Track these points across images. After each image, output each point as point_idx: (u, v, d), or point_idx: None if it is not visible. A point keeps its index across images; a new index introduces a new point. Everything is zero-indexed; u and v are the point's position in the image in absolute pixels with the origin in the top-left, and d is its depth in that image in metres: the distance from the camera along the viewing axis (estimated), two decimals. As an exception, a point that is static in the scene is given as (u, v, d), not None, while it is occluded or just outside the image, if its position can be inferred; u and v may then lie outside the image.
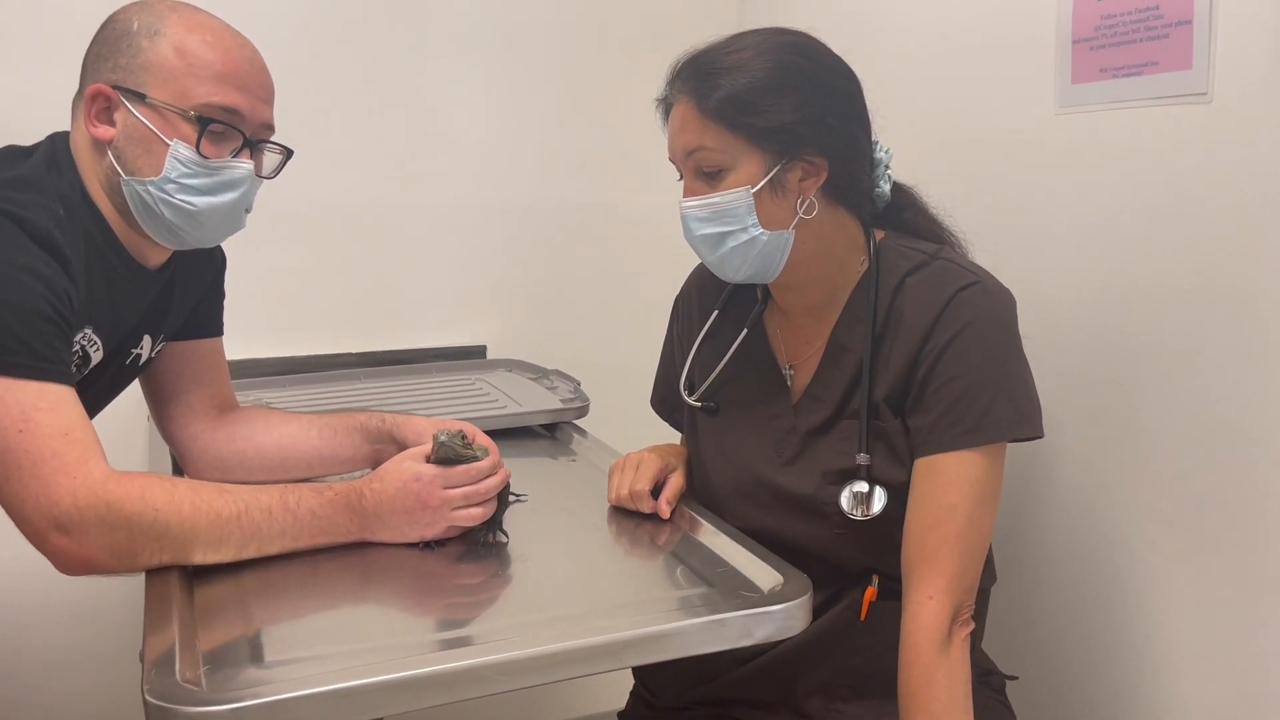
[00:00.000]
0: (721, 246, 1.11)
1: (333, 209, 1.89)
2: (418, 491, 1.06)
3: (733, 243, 1.10)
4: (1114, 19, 1.26)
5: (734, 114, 1.07)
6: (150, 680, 0.80)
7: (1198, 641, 1.24)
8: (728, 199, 1.09)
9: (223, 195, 1.10)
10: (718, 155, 1.09)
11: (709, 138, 1.09)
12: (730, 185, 1.09)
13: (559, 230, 2.05)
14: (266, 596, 0.98)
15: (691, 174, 1.12)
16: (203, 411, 1.28)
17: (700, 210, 1.10)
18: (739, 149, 1.08)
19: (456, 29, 1.93)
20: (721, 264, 1.14)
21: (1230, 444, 1.17)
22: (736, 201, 1.09)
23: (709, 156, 1.09)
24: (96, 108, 1.08)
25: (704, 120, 1.08)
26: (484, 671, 0.84)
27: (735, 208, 1.09)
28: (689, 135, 1.10)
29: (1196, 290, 1.20)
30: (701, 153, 1.09)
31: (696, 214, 1.11)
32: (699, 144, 1.09)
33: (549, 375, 1.81)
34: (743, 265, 1.12)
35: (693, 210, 1.11)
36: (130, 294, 1.13)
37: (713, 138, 1.08)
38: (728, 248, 1.11)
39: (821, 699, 1.19)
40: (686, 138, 1.10)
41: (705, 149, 1.09)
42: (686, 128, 1.10)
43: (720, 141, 1.08)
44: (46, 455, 0.93)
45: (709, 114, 1.08)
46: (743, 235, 1.10)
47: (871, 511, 1.11)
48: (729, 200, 1.09)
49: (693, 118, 1.09)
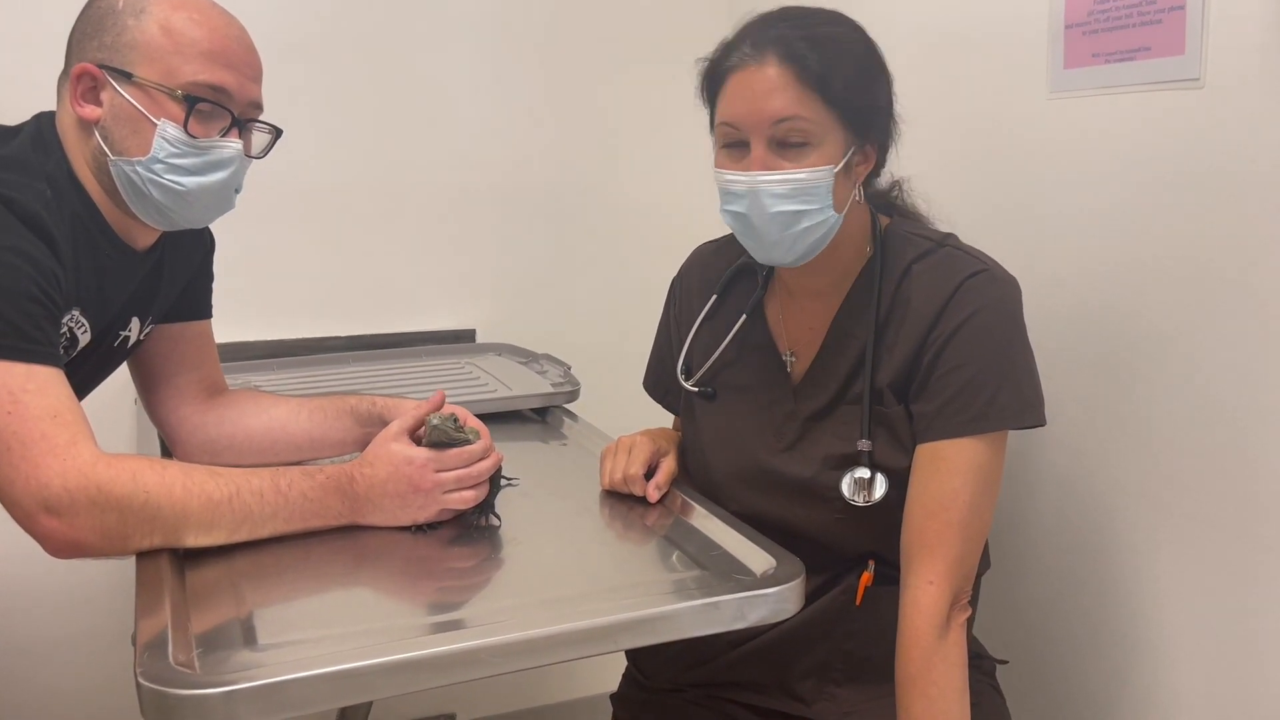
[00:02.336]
0: (794, 226, 1.06)
1: (322, 191, 1.88)
2: (410, 475, 1.06)
3: (807, 223, 1.06)
4: (1107, 4, 1.26)
5: (837, 89, 1.04)
6: (143, 663, 0.79)
7: (1188, 625, 1.25)
8: (814, 176, 1.04)
9: (211, 175, 1.09)
10: (810, 127, 1.03)
11: (806, 108, 1.03)
12: (813, 163, 1.04)
13: (549, 214, 2.05)
14: (259, 579, 0.98)
15: (765, 144, 1.05)
16: (192, 394, 1.28)
17: (781, 186, 1.04)
18: (829, 125, 1.05)
19: (447, 10, 1.92)
20: (781, 244, 1.08)
21: (1223, 429, 1.18)
22: (820, 180, 1.05)
23: (801, 127, 1.03)
24: (82, 87, 1.07)
25: (803, 89, 1.03)
26: (477, 654, 0.84)
27: (817, 187, 1.05)
28: (783, 102, 1.03)
29: (1189, 275, 1.21)
30: (794, 122, 1.03)
31: (775, 189, 1.04)
32: (795, 112, 1.03)
33: (539, 359, 1.81)
34: (803, 246, 1.08)
35: (771, 185, 1.04)
36: (118, 276, 1.12)
37: (809, 108, 1.03)
38: (800, 227, 1.06)
39: (815, 682, 1.20)
40: (780, 104, 1.03)
41: (800, 119, 1.03)
42: (780, 94, 1.03)
43: (815, 114, 1.04)
44: (35, 437, 0.93)
45: (810, 83, 1.03)
46: (818, 216, 1.06)
47: (873, 497, 1.11)
48: (814, 178, 1.04)
49: (790, 84, 1.03)
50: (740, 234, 1.12)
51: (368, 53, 1.88)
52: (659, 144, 2.08)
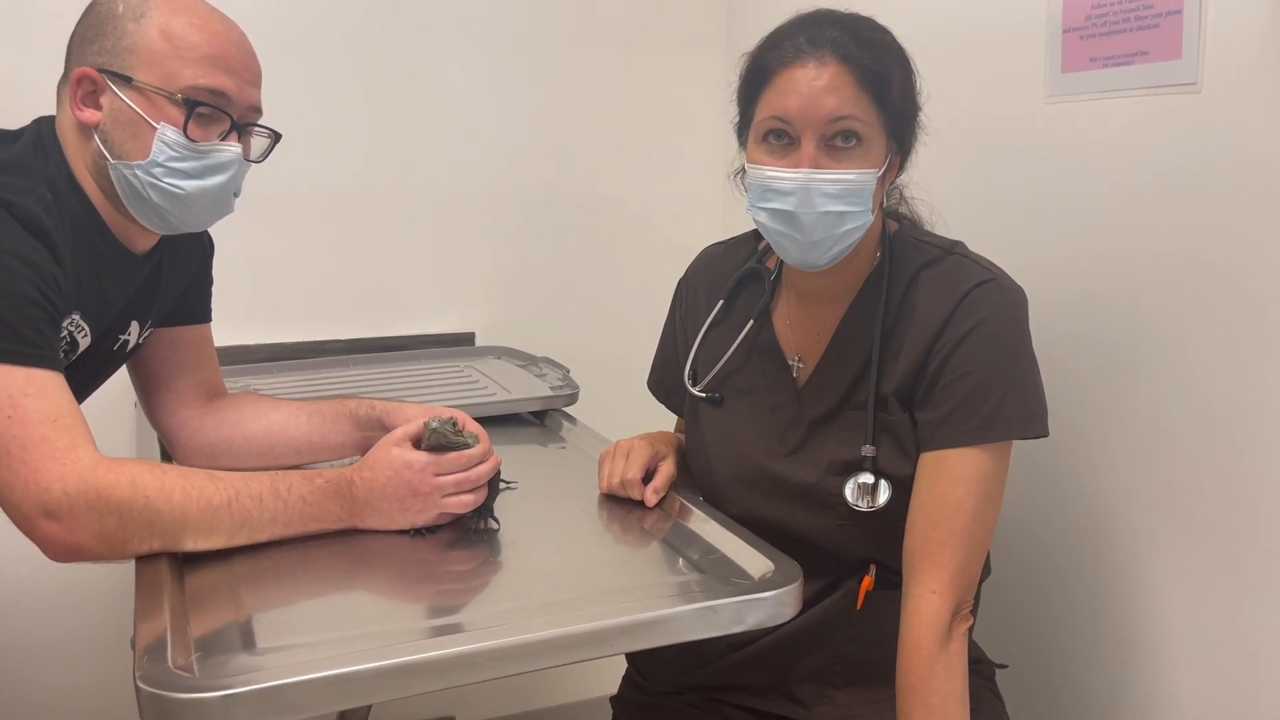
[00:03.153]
0: (839, 226, 1.06)
1: (322, 195, 1.88)
2: (409, 479, 1.06)
3: (850, 224, 1.06)
4: (1104, 8, 1.26)
5: (889, 93, 1.05)
6: (142, 667, 0.80)
7: (1187, 629, 1.25)
8: (863, 178, 1.04)
9: (211, 179, 1.09)
10: (863, 129, 1.03)
11: (861, 108, 1.03)
12: (860, 164, 1.04)
13: (548, 217, 2.05)
14: (258, 583, 0.98)
15: (816, 141, 1.04)
16: (191, 398, 1.28)
17: (833, 185, 1.04)
18: (878, 129, 1.05)
19: (447, 14, 1.92)
20: (822, 244, 1.07)
21: (1222, 434, 1.18)
22: (867, 183, 1.05)
23: (856, 128, 1.03)
24: (82, 91, 1.07)
25: (860, 89, 1.03)
26: (475, 658, 0.84)
27: (865, 189, 1.05)
28: (841, 100, 1.03)
29: (1188, 279, 1.21)
30: (850, 122, 1.03)
31: (828, 189, 1.04)
32: (852, 111, 1.03)
33: (538, 362, 1.81)
34: (839, 249, 1.08)
35: (824, 184, 1.04)
36: (118, 280, 1.13)
37: (864, 109, 1.03)
38: (844, 229, 1.06)
39: (814, 685, 1.20)
40: (837, 102, 1.03)
41: (855, 119, 1.03)
42: (838, 93, 1.03)
43: (868, 115, 1.04)
44: (35, 441, 0.93)
45: (868, 84, 1.03)
46: (859, 219, 1.06)
47: (877, 503, 1.11)
48: (863, 180, 1.04)
49: (848, 84, 1.03)
50: (778, 233, 1.08)
51: (367, 57, 1.88)
52: (658, 147, 2.09)
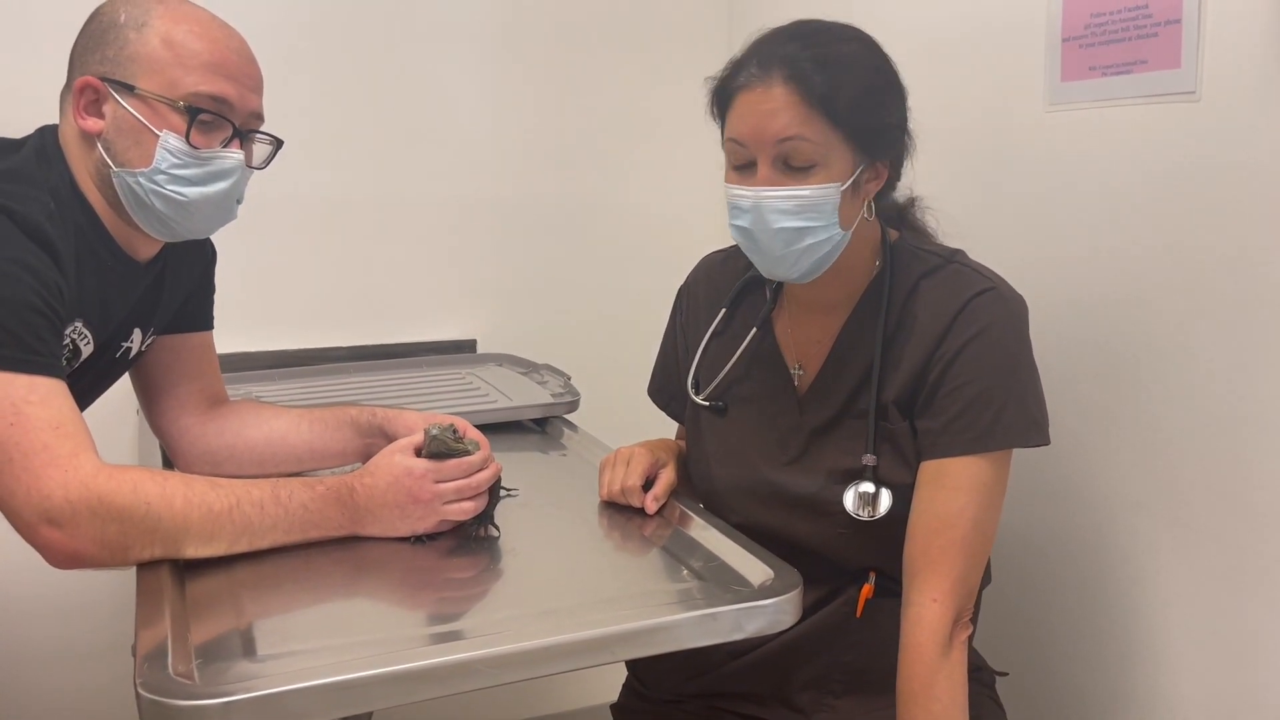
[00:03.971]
0: (799, 242, 1.07)
1: (323, 202, 1.88)
2: (409, 486, 1.07)
3: (811, 239, 1.07)
4: (1103, 17, 1.27)
5: (843, 109, 1.04)
6: (143, 674, 0.80)
7: (1188, 637, 1.25)
8: (820, 194, 1.05)
9: (213, 185, 1.09)
10: (814, 148, 1.04)
11: (810, 128, 1.04)
12: (820, 180, 1.05)
13: (549, 225, 2.05)
14: (258, 590, 0.98)
15: (770, 162, 1.06)
16: (193, 405, 1.28)
17: (785, 202, 1.05)
18: (835, 145, 1.05)
19: (448, 22, 1.93)
20: (785, 260, 1.09)
21: (1224, 440, 1.18)
22: (827, 198, 1.05)
23: (804, 148, 1.04)
24: (85, 100, 1.07)
25: (808, 109, 1.04)
26: (476, 665, 0.84)
27: (824, 204, 1.06)
28: (786, 122, 1.04)
29: (1188, 286, 1.21)
30: (796, 142, 1.04)
31: (780, 205, 1.06)
32: (798, 133, 1.04)
33: (539, 369, 1.81)
34: (808, 263, 1.09)
35: (776, 201, 1.06)
36: (120, 287, 1.13)
37: (814, 129, 1.04)
38: (805, 244, 1.07)
39: (814, 693, 1.20)
40: (782, 124, 1.04)
41: (803, 139, 1.04)
42: (784, 114, 1.04)
43: (820, 134, 1.04)
44: (37, 448, 0.93)
45: (815, 104, 1.04)
46: (823, 233, 1.07)
47: (878, 513, 1.11)
48: (821, 195, 1.05)
49: (794, 105, 1.04)
50: (746, 249, 1.13)
51: (369, 64, 1.89)
52: (660, 155, 2.09)
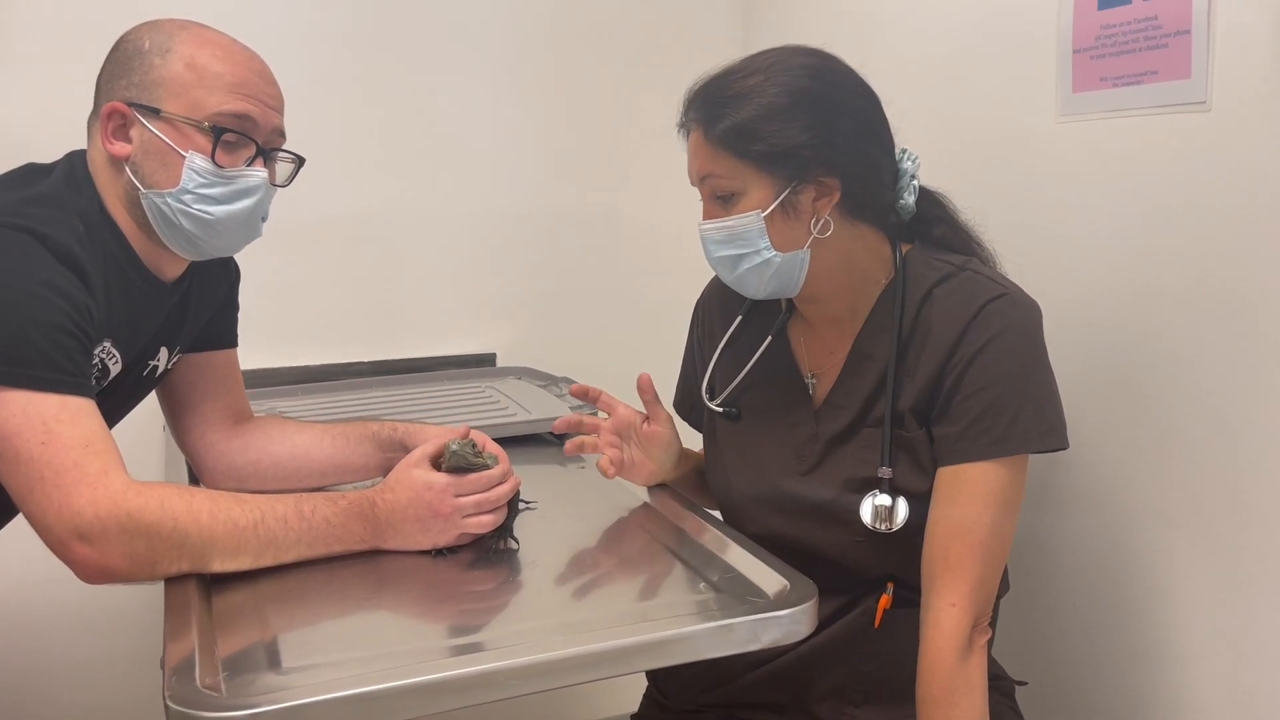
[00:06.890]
0: (738, 267, 1.14)
1: (344, 219, 1.91)
2: (430, 500, 1.08)
3: (747, 264, 1.13)
4: (1114, 29, 1.27)
5: (738, 141, 1.09)
6: (171, 686, 0.81)
7: (1209, 645, 1.24)
8: (740, 223, 1.11)
9: (239, 203, 1.12)
10: (727, 181, 1.11)
11: (718, 165, 1.11)
12: (742, 209, 1.11)
13: (568, 238, 2.07)
14: (283, 604, 0.99)
15: (708, 197, 1.15)
16: (218, 422, 1.30)
17: (716, 233, 1.13)
18: (747, 175, 1.10)
19: (465, 38, 1.95)
20: (740, 283, 1.17)
21: (1239, 448, 1.18)
22: (748, 225, 1.11)
23: (719, 183, 1.12)
24: (113, 125, 1.10)
25: (712, 148, 1.11)
26: (497, 676, 0.85)
27: (747, 231, 1.11)
28: (700, 162, 1.14)
29: (1199, 295, 1.21)
30: (712, 179, 1.13)
31: (714, 236, 1.14)
32: (709, 171, 1.12)
33: (559, 382, 1.83)
34: (760, 284, 1.15)
35: (710, 233, 1.14)
36: (148, 307, 1.16)
37: (721, 165, 1.11)
38: (743, 269, 1.14)
39: (833, 703, 1.20)
40: (698, 164, 1.14)
41: (715, 175, 1.12)
42: (698, 155, 1.14)
43: (728, 168, 1.11)
44: (69, 466, 0.95)
45: (715, 142, 1.11)
46: (756, 258, 1.12)
47: (895, 525, 1.12)
48: (741, 224, 1.11)
49: (702, 146, 1.12)
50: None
51: (387, 82, 1.91)
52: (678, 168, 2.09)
